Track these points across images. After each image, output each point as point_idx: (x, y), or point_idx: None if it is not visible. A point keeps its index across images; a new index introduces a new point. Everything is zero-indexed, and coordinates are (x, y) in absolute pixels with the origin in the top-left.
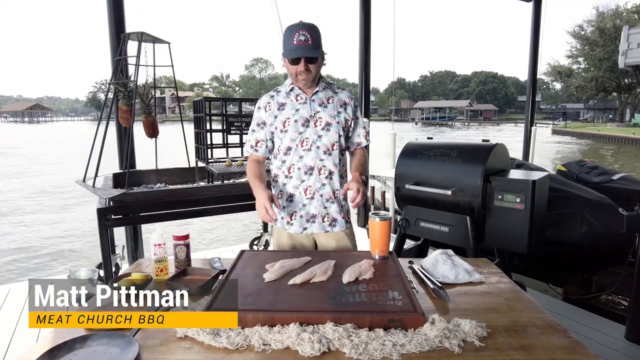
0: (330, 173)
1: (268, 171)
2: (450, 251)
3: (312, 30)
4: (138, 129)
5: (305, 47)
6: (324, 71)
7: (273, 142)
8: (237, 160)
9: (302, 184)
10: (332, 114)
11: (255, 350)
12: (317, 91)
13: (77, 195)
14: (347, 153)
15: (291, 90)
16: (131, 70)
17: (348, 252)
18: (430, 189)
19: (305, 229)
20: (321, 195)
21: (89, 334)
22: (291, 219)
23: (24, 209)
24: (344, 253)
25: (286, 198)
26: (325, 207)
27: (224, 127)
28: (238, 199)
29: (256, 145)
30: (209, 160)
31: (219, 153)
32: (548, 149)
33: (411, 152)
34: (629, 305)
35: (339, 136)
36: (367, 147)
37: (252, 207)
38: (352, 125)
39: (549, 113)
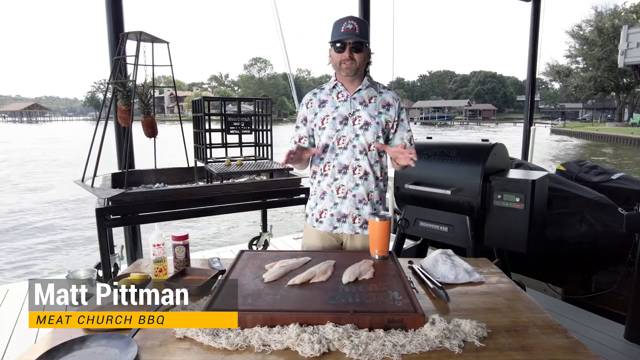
0: (366, 174)
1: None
2: (450, 251)
3: (360, 22)
4: (137, 129)
5: (352, 34)
6: (322, 70)
7: (314, 139)
8: (236, 160)
9: (335, 182)
10: (373, 113)
11: (255, 350)
12: (359, 89)
13: None
14: (387, 155)
15: (334, 87)
16: (130, 69)
17: (347, 252)
18: (429, 188)
19: (335, 227)
20: (354, 196)
21: (88, 335)
22: (320, 217)
23: None
24: (343, 253)
25: (319, 195)
26: (357, 208)
27: (223, 127)
28: (237, 199)
29: (300, 141)
30: (208, 160)
31: (218, 153)
32: (548, 148)
33: None
34: (628, 305)
35: (377, 137)
36: None
37: (250, 207)
38: (395, 127)
39: (547, 113)
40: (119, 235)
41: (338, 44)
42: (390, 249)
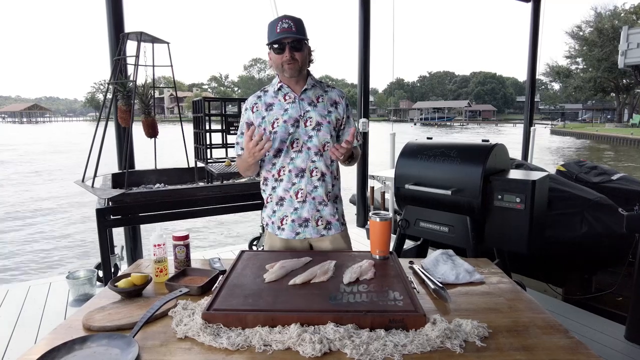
0: (323, 175)
1: (258, 174)
2: (450, 251)
3: (296, 20)
4: (137, 129)
5: (289, 33)
6: (322, 71)
7: None
8: (236, 161)
9: (293, 187)
10: (323, 113)
11: (256, 350)
12: (305, 89)
13: None
14: None
15: (279, 89)
16: (130, 70)
17: (348, 252)
18: (430, 189)
19: (297, 233)
20: (313, 198)
21: (89, 335)
22: (282, 224)
23: None
24: (344, 253)
25: (276, 202)
26: (318, 210)
27: (223, 127)
28: (237, 199)
29: None
30: (208, 161)
31: (218, 153)
32: (547, 148)
33: (411, 152)
34: (629, 306)
35: (330, 136)
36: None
37: (251, 208)
38: (343, 125)
39: (547, 113)
40: (119, 235)
41: (276, 45)
42: (390, 249)
